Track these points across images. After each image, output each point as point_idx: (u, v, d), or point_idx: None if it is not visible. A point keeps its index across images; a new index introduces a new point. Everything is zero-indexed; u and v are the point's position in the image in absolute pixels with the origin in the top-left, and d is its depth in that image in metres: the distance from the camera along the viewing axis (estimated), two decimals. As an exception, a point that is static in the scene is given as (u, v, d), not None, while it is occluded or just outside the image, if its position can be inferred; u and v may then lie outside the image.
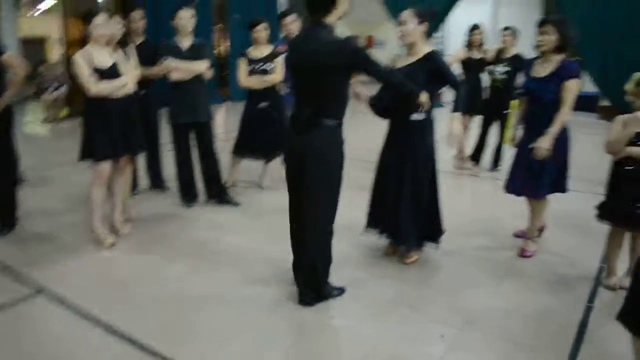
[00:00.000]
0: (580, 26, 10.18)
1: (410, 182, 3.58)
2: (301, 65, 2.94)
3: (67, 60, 11.04)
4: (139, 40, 5.03)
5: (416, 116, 3.49)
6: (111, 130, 3.93)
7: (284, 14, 5.58)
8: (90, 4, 11.66)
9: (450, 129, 3.39)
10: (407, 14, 3.48)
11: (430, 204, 3.68)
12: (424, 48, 3.51)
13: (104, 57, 3.90)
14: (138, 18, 5.00)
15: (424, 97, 3.33)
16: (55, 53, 13.76)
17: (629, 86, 5.66)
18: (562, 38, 3.56)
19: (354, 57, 2.85)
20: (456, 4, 11.52)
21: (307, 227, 3.08)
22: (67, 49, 11.36)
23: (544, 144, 3.60)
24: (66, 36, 11.43)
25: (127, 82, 3.99)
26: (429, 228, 3.71)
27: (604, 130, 6.52)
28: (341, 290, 3.32)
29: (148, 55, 4.84)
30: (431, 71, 3.43)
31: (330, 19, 2.88)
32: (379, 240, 3.91)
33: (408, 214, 3.59)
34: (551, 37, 3.57)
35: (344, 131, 3.02)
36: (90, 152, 3.95)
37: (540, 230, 4.20)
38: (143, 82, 4.79)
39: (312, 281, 3.16)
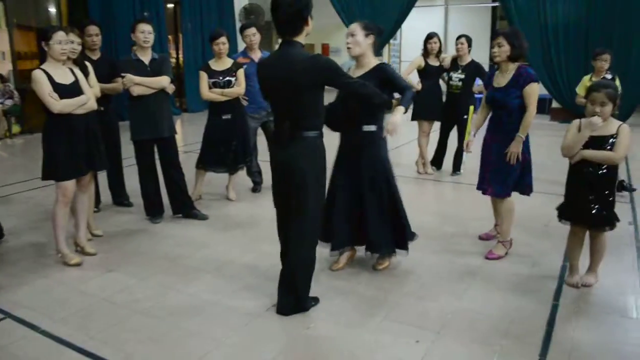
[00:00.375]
0: (525, 31, 10.65)
1: (370, 193, 3.64)
2: (277, 83, 3.04)
3: (16, 74, 10.74)
4: (96, 56, 4.95)
5: (367, 127, 3.57)
6: (74, 148, 3.86)
7: (246, 26, 5.56)
8: (37, 17, 11.42)
9: (389, 119, 3.32)
10: (354, 26, 3.57)
11: (394, 212, 3.74)
12: (372, 61, 3.60)
13: (64, 74, 3.84)
14: (94, 34, 4.91)
15: (396, 103, 3.43)
16: (3, 66, 13.34)
17: (579, 89, 5.92)
18: (514, 48, 3.76)
19: (326, 73, 2.98)
20: (409, 12, 11.79)
21: (292, 237, 3.19)
22: (14, 62, 11.01)
23: (514, 149, 3.78)
24: (13, 49, 11.08)
25: (89, 99, 3.93)
26: (397, 235, 3.78)
27: (556, 132, 6.77)
28: (316, 300, 3.36)
29: (106, 71, 4.78)
30: (382, 81, 3.50)
31: (300, 37, 3.02)
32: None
33: (376, 223, 3.66)
34: (504, 48, 3.77)
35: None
36: (54, 171, 3.86)
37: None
38: (102, 98, 4.72)
39: (291, 290, 3.21)
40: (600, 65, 5.73)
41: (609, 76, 5.62)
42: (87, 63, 4.37)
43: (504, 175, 3.88)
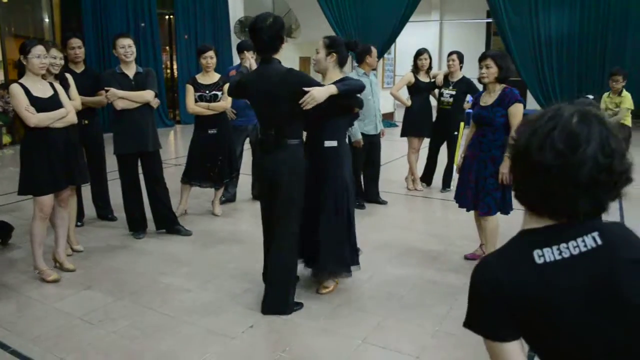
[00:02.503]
0: (518, 47, 10.65)
1: (329, 214, 3.53)
2: (260, 97, 3.35)
3: (7, 84, 10.69)
4: (79, 69, 4.90)
5: (329, 143, 3.52)
6: (52, 162, 3.80)
7: (247, 48, 5.42)
8: (33, 26, 11.40)
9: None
10: (320, 44, 3.62)
11: (349, 234, 3.62)
12: (334, 77, 3.56)
13: (43, 88, 3.79)
14: (76, 46, 4.85)
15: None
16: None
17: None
18: (501, 70, 3.83)
19: (297, 85, 3.20)
20: (403, 27, 11.83)
21: (275, 241, 3.40)
22: (6, 71, 10.95)
23: (504, 169, 3.78)
24: (4, 58, 11.00)
25: (68, 112, 3.87)
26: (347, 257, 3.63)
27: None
28: (300, 305, 3.46)
29: (90, 84, 4.73)
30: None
31: (277, 55, 3.30)
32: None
33: (329, 245, 3.55)
34: (492, 70, 3.83)
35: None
36: (31, 185, 3.80)
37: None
38: (86, 111, 4.68)
39: (278, 290, 3.38)
40: (613, 84, 6.66)
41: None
42: (68, 75, 4.32)
43: (484, 194, 3.88)
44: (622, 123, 6.50)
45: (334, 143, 3.52)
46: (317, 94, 3.16)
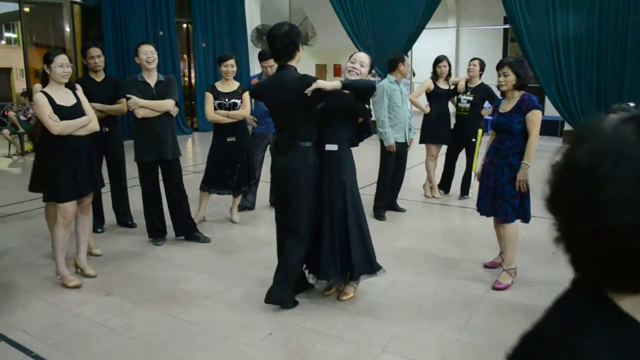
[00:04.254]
0: (536, 53, 10.46)
1: (326, 217, 3.54)
2: (275, 102, 3.55)
3: (30, 92, 10.88)
4: (100, 77, 4.97)
5: (330, 147, 3.55)
6: (75, 170, 3.86)
7: (266, 57, 5.35)
8: (54, 36, 11.59)
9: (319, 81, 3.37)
10: (366, 58, 3.71)
11: (347, 240, 3.55)
12: None
13: (66, 96, 3.85)
14: (96, 55, 4.91)
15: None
16: (18, 84, 13.57)
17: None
18: (519, 77, 3.82)
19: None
20: (419, 34, 11.80)
21: (287, 233, 3.55)
22: (28, 80, 11.15)
23: (522, 177, 3.77)
24: (27, 67, 11.21)
25: (90, 120, 3.93)
26: (349, 265, 3.59)
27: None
28: (295, 303, 3.58)
29: (110, 92, 4.78)
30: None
31: (293, 62, 3.46)
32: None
33: (327, 248, 3.54)
34: (510, 78, 3.82)
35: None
36: (55, 192, 3.86)
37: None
38: (107, 119, 4.73)
39: (282, 286, 3.50)
40: None
41: None
42: (77, 85, 4.35)
43: (502, 201, 3.87)
44: None
45: (334, 147, 3.54)
46: (322, 83, 3.33)
